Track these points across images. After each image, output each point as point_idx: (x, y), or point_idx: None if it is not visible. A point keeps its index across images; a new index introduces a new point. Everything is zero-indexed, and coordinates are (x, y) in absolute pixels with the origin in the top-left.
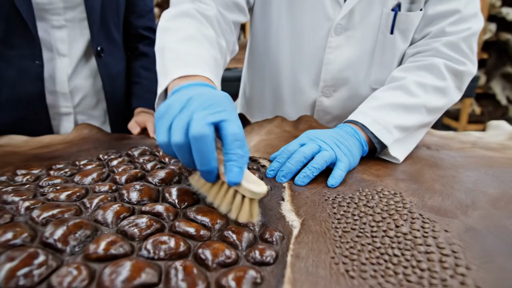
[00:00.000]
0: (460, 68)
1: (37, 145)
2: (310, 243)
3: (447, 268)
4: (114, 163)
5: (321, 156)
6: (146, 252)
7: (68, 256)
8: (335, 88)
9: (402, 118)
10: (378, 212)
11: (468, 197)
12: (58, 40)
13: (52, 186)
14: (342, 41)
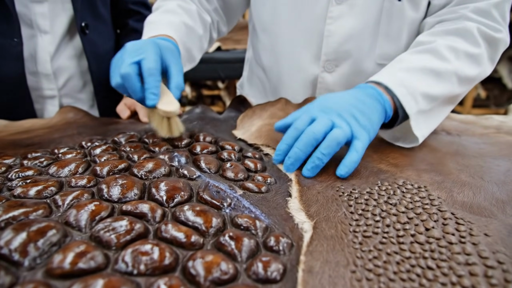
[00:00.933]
0: (496, 35)
1: (16, 131)
2: (325, 252)
3: (496, 285)
4: (97, 151)
5: (332, 137)
6: (123, 266)
7: (26, 272)
8: (338, 62)
9: (430, 85)
10: (403, 211)
11: (503, 191)
12: (39, 15)
13: (22, 179)
14: (344, 10)
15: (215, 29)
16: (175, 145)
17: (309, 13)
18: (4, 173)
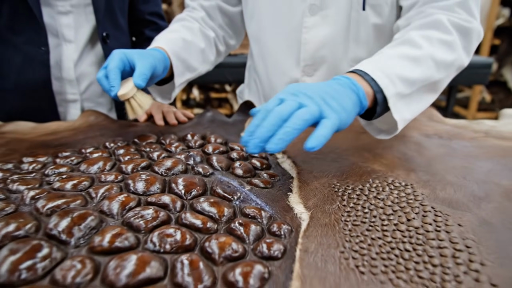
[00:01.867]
0: (467, 24)
1: (44, 132)
2: (319, 236)
3: (461, 264)
4: (121, 151)
5: (299, 115)
6: (151, 245)
7: (73, 249)
8: (316, 67)
9: (407, 69)
10: (389, 204)
11: (481, 189)
12: (64, 26)
13: (58, 175)
14: (318, 21)
15: (222, 43)
16: (189, 146)
17: (287, 24)
18: (40, 170)
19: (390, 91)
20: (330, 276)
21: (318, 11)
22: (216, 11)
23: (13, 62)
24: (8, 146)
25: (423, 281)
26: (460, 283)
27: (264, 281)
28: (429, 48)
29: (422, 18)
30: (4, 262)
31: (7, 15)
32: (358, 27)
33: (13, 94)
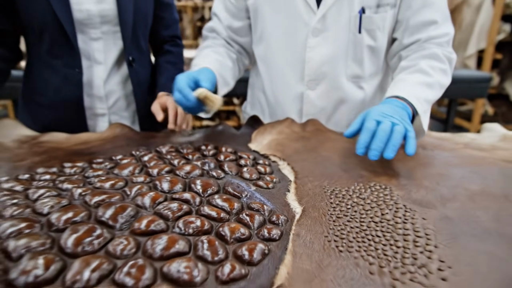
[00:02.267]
0: (451, 55)
1: (76, 142)
2: (309, 225)
3: (419, 246)
4: (146, 158)
5: (398, 130)
6: (178, 229)
7: (118, 231)
8: (318, 81)
9: (427, 93)
10: (368, 202)
11: (450, 192)
12: (95, 50)
13: (96, 177)
14: (320, 42)
15: (241, 63)
16: (204, 154)
17: (293, 45)
18: (81, 173)
19: (420, 109)
20: (315, 253)
21: (320, 33)
22: (231, 41)
23: (51, 82)
24: (47, 154)
25: (387, 257)
26: (416, 259)
27: (265, 255)
28: (436, 76)
29: (423, 50)
30: (69, 238)
31: (48, 42)
32: (355, 47)
33: (49, 109)
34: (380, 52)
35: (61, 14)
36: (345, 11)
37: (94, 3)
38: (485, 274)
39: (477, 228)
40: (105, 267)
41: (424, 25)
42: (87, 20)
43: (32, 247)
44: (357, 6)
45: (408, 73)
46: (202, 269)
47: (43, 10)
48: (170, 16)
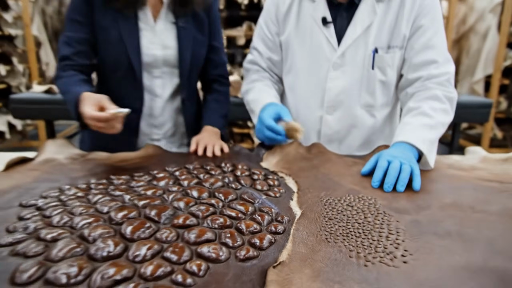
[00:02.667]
0: (451, 95)
1: (118, 159)
2: (306, 224)
3: (390, 240)
4: (177, 173)
5: (406, 169)
6: (207, 224)
7: (162, 225)
8: (335, 108)
9: (430, 134)
10: (355, 209)
11: (425, 203)
12: (156, 86)
13: (139, 187)
14: (339, 74)
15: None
16: (224, 170)
17: (316, 76)
18: (126, 184)
19: (424, 150)
20: (309, 242)
21: (339, 67)
22: (271, 72)
23: None
24: (95, 168)
25: (364, 246)
26: (386, 248)
27: (271, 243)
28: (437, 117)
29: (425, 91)
30: (127, 228)
31: (118, 78)
32: (368, 81)
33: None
34: (390, 85)
35: (133, 57)
36: (361, 50)
37: (160, 49)
38: (437, 261)
39: (440, 229)
40: (156, 248)
41: (425, 64)
42: (152, 63)
43: (102, 233)
44: (371, 46)
45: (413, 116)
46: (225, 251)
47: (120, 52)
48: (219, 58)
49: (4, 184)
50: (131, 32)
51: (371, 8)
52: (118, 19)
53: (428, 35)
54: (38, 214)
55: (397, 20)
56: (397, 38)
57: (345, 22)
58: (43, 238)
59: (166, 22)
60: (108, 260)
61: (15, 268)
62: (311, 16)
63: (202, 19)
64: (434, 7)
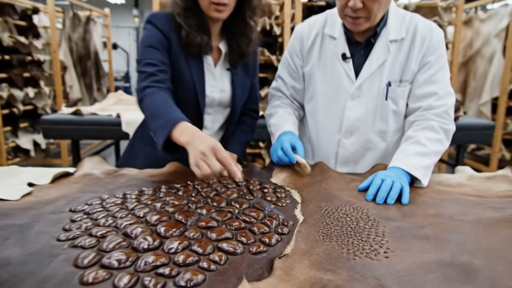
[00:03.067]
0: (447, 127)
1: (147, 175)
2: (307, 227)
3: (375, 240)
4: (198, 186)
5: (396, 186)
6: (225, 226)
7: (188, 226)
8: (352, 133)
9: (424, 161)
10: (349, 217)
11: (411, 213)
12: (208, 121)
13: (167, 197)
14: (356, 104)
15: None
16: (239, 184)
17: (335, 104)
18: (155, 194)
19: (418, 175)
20: (309, 241)
21: (356, 98)
22: (292, 99)
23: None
24: (128, 182)
25: (354, 245)
26: (371, 246)
27: (278, 242)
28: (431, 146)
29: (423, 121)
30: (161, 228)
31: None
32: (382, 110)
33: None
34: (401, 114)
35: (200, 97)
36: (376, 83)
37: (218, 93)
38: (412, 257)
39: (419, 233)
40: (185, 243)
41: (427, 95)
42: (210, 103)
43: (142, 231)
44: (385, 80)
45: (409, 144)
46: (241, 246)
47: (189, 91)
48: (255, 94)
49: (53, 193)
50: (199, 74)
51: (385, 47)
52: (189, 61)
53: (432, 71)
54: (86, 217)
55: (408, 57)
56: (408, 73)
57: (362, 58)
58: (95, 234)
59: (223, 68)
60: (148, 251)
61: (77, 256)
62: (332, 52)
63: (249, 64)
64: (440, 46)
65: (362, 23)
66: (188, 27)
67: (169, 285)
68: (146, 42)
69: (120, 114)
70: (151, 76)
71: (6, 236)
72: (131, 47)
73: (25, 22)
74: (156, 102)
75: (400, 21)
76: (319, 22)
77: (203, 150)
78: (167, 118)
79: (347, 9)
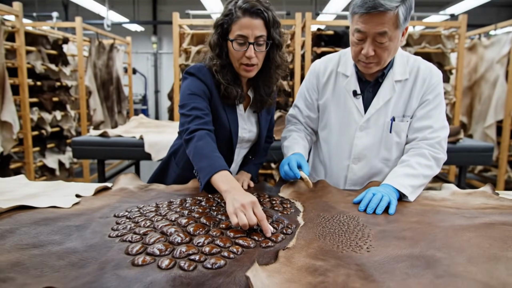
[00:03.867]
0: (437, 155)
1: (173, 189)
2: (307, 229)
3: (361, 240)
4: (217, 198)
5: (385, 199)
6: (240, 228)
7: (211, 228)
8: (359, 159)
9: (412, 181)
10: (342, 222)
11: (395, 220)
12: (236, 154)
13: (192, 206)
14: (363, 135)
15: (311, 141)
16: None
17: (346, 134)
18: (182, 204)
19: (406, 192)
20: (308, 239)
21: (364, 129)
22: (307, 126)
23: None
24: (158, 195)
25: (343, 243)
26: (357, 244)
27: (283, 239)
28: (420, 170)
29: (416, 149)
30: (191, 228)
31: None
32: (386, 141)
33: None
34: (403, 145)
35: (234, 137)
36: (382, 118)
37: (247, 133)
38: (389, 252)
39: (399, 235)
40: (209, 239)
41: (422, 128)
42: (240, 141)
43: (175, 230)
44: (390, 115)
45: (401, 167)
46: (253, 242)
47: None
48: (271, 125)
49: (97, 203)
50: (234, 119)
51: (391, 86)
52: (225, 108)
53: (429, 107)
54: (129, 221)
55: (410, 96)
56: (410, 110)
57: (371, 95)
58: (138, 232)
59: (250, 111)
60: (182, 244)
61: (127, 247)
62: (344, 88)
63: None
64: (438, 86)
65: (373, 67)
66: (226, 83)
67: (199, 267)
68: (190, 90)
69: (143, 136)
70: (198, 119)
71: (68, 233)
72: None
73: (56, 51)
74: (202, 145)
75: (404, 64)
76: (334, 61)
77: (245, 204)
78: (211, 162)
79: (361, 55)
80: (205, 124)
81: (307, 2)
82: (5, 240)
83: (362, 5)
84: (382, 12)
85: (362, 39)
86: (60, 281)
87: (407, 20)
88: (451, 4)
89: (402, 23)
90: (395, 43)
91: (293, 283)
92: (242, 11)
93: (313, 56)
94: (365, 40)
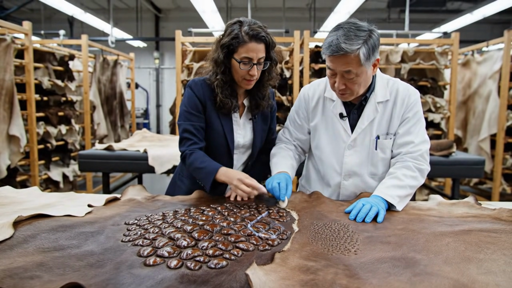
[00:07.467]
0: (421, 167)
1: (178, 200)
2: (301, 235)
3: (349, 244)
4: (219, 208)
5: (373, 209)
6: (241, 234)
7: (214, 233)
8: (349, 176)
9: (399, 192)
10: (333, 229)
11: (383, 227)
12: (235, 159)
13: (196, 215)
14: (352, 153)
15: (299, 159)
16: (249, 206)
17: (336, 153)
18: (187, 213)
19: (394, 202)
20: (301, 242)
21: (352, 148)
22: (297, 145)
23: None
24: (164, 205)
25: (333, 246)
26: (346, 247)
27: (279, 243)
28: (406, 180)
29: (401, 162)
30: (195, 234)
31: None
32: (373, 158)
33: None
34: (388, 160)
35: (230, 144)
36: (367, 137)
37: (242, 138)
38: (374, 254)
39: (384, 240)
40: (212, 243)
41: (405, 144)
42: (236, 146)
43: (182, 236)
44: (375, 134)
45: (388, 179)
46: (252, 246)
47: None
48: (273, 136)
49: (108, 212)
50: (229, 126)
51: (374, 108)
52: (220, 117)
53: (410, 124)
54: (139, 227)
55: (392, 115)
56: (392, 128)
57: (356, 116)
58: (148, 237)
59: (246, 118)
60: (188, 248)
61: (138, 250)
62: (331, 111)
63: (267, 114)
64: (417, 104)
65: (347, 97)
66: (224, 97)
67: (203, 267)
68: (185, 106)
69: (147, 150)
70: (186, 140)
71: (85, 238)
72: (151, 86)
73: (63, 67)
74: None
75: (385, 86)
76: (321, 86)
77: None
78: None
79: (335, 87)
80: (193, 144)
81: (305, 19)
82: (28, 244)
83: (328, 48)
84: (343, 55)
85: (334, 74)
86: (81, 279)
87: (374, 55)
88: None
89: (364, 62)
90: (363, 77)
91: (287, 280)
92: (248, 37)
93: (311, 72)
94: (336, 75)
